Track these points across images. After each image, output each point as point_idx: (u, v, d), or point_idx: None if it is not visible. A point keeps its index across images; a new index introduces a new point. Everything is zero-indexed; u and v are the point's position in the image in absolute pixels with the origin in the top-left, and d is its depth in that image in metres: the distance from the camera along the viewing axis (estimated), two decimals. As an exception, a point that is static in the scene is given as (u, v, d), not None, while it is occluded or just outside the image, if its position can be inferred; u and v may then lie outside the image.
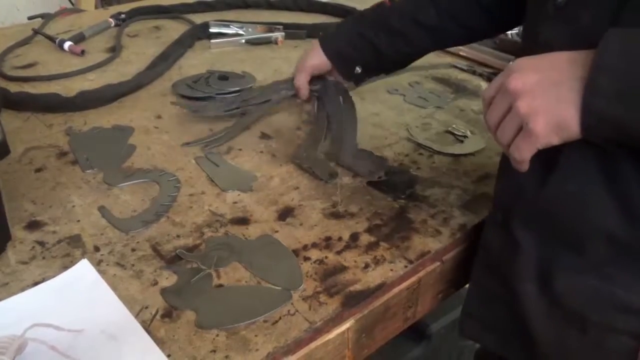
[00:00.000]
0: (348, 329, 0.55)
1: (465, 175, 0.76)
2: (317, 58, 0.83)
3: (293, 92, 0.85)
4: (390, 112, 0.92)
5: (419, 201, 0.70)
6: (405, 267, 0.59)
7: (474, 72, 1.07)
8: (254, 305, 0.54)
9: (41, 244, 0.61)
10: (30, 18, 1.44)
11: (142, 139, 0.81)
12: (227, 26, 1.15)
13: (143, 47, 1.13)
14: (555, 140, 0.45)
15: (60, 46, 1.08)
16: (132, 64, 1.05)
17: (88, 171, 0.74)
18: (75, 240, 0.62)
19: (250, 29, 1.15)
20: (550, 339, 0.56)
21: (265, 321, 0.52)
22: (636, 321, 0.51)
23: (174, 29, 1.22)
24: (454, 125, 0.87)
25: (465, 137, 0.85)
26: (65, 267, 0.58)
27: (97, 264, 0.58)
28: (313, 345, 0.52)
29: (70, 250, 0.60)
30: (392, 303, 0.59)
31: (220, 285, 0.56)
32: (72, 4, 2.40)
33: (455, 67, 1.09)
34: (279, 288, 0.56)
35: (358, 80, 0.86)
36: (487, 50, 1.12)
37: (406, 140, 0.84)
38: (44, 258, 0.59)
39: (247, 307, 0.54)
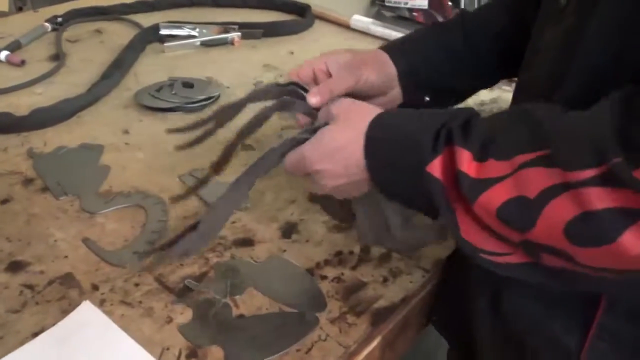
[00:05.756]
0: (375, 347, 0.54)
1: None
2: (374, 74, 0.60)
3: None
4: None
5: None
6: (423, 276, 0.59)
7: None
8: (283, 333, 0.51)
9: (30, 287, 0.55)
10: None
11: (114, 157, 0.75)
12: (180, 28, 1.09)
13: (88, 53, 1.05)
14: None
15: (-4, 56, 0.98)
16: (80, 72, 0.97)
17: (62, 198, 0.67)
18: (68, 280, 0.56)
19: (204, 30, 1.10)
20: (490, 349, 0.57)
21: (298, 350, 0.50)
22: None
23: (116, 32, 1.14)
24: None
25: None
26: (65, 312, 0.52)
27: (100, 304, 0.54)
28: (349, 369, 0.51)
29: (65, 291, 0.55)
30: (412, 314, 0.59)
31: (242, 316, 0.53)
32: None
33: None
34: (304, 312, 0.54)
35: None
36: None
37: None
38: (37, 303, 0.53)
39: (275, 336, 0.51)
